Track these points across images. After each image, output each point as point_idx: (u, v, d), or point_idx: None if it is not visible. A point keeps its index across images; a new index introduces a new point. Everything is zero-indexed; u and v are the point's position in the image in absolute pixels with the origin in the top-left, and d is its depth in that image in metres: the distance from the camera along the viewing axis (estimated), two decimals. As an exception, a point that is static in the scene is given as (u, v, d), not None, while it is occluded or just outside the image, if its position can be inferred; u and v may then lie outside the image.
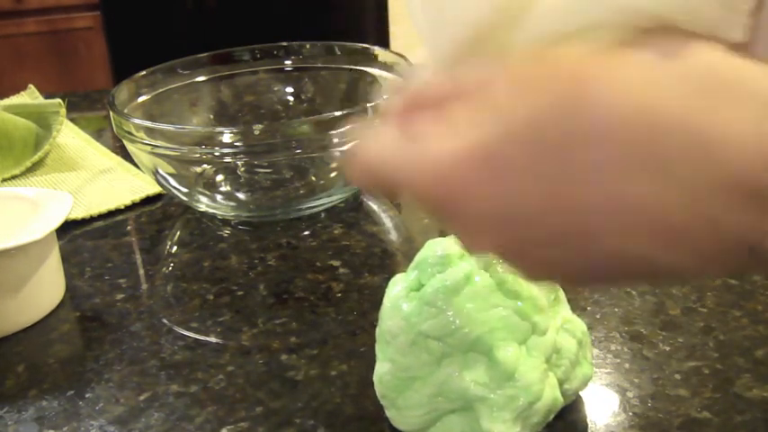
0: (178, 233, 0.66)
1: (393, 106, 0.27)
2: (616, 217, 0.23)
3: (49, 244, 0.55)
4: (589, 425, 0.41)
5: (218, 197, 0.68)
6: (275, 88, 0.79)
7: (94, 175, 0.76)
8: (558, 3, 0.25)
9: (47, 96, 0.94)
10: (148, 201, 0.71)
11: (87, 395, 0.46)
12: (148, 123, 0.61)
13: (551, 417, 0.40)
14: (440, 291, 0.38)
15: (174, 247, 0.64)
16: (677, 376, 0.44)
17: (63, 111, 0.81)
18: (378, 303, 0.42)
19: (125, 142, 0.64)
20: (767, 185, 0.21)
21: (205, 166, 0.68)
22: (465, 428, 0.39)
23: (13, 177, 0.76)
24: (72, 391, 0.47)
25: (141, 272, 0.60)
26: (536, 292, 0.40)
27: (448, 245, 0.40)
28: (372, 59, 0.75)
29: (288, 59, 0.78)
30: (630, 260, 0.24)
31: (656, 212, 0.22)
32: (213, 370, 0.48)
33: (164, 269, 0.61)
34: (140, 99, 0.71)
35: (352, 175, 0.28)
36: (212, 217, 0.67)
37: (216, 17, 2.20)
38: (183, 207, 0.69)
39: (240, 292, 0.56)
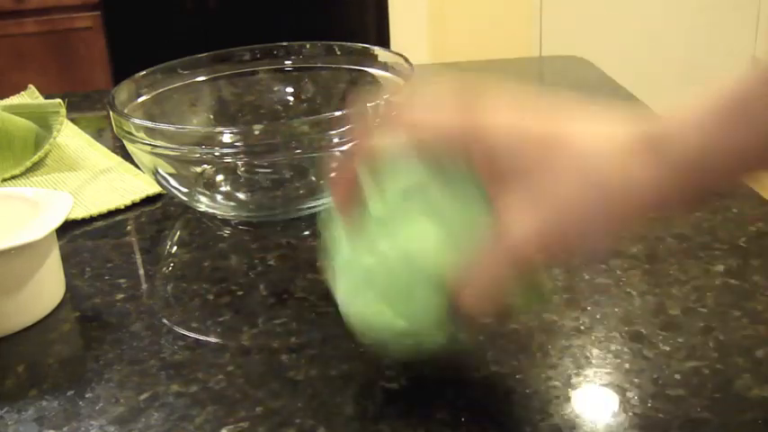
0: (178, 233, 0.66)
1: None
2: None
3: (48, 244, 0.55)
4: (589, 425, 0.41)
5: (218, 197, 0.68)
6: (275, 88, 0.79)
7: (94, 175, 0.76)
8: None
9: (47, 96, 0.94)
10: (148, 201, 0.71)
11: (87, 395, 0.46)
12: (148, 123, 0.61)
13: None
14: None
15: (174, 247, 0.64)
16: (677, 376, 0.44)
17: (63, 111, 0.81)
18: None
19: (125, 142, 0.64)
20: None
21: (205, 166, 0.68)
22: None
23: (13, 177, 0.76)
24: (72, 391, 0.47)
25: (141, 272, 0.60)
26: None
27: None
28: (372, 59, 0.75)
29: (288, 59, 0.78)
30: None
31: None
32: (213, 370, 0.48)
33: (164, 269, 0.61)
34: (140, 99, 0.71)
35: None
36: (212, 217, 0.67)
37: (216, 17, 2.20)
38: (183, 207, 0.69)
39: (240, 292, 0.56)
